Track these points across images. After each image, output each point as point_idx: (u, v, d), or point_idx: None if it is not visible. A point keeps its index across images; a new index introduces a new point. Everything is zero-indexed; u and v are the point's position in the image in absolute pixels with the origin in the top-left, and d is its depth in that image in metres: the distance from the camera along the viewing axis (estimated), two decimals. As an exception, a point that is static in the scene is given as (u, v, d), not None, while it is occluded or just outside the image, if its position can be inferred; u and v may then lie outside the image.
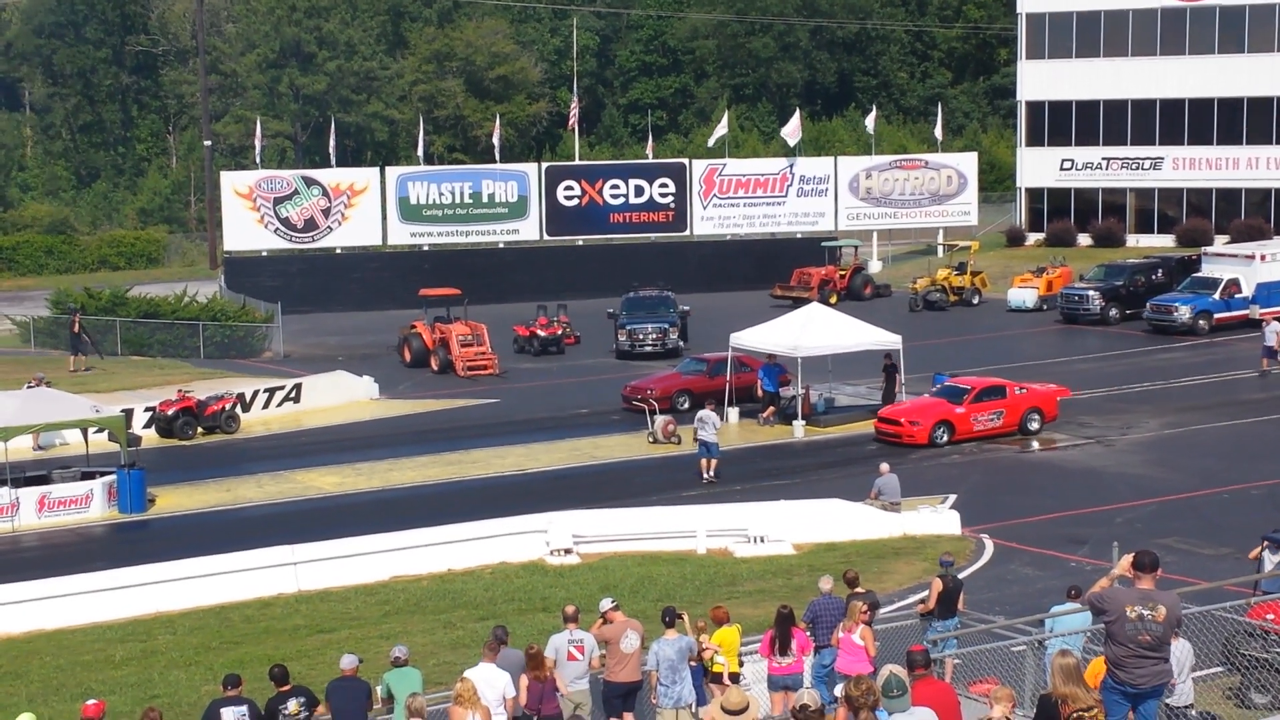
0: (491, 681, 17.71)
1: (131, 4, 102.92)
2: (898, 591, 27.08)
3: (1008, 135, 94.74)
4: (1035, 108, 77.86)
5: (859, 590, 21.52)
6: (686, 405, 43.91)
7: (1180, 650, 16.67)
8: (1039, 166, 77.80)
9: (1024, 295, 62.84)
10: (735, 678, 19.83)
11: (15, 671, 24.78)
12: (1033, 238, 77.38)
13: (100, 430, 38.05)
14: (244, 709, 17.21)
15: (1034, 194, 78.55)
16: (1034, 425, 40.90)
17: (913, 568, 28.91)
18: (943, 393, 41.27)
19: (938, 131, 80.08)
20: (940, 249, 73.12)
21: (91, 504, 35.77)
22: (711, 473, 36.90)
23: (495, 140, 75.48)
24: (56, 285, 69.27)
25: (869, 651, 19.82)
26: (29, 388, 42.11)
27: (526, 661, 18.61)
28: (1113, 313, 58.60)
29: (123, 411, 39.70)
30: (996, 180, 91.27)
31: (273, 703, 17.54)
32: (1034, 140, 78.06)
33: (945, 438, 40.07)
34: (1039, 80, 77.26)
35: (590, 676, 19.47)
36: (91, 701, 17.46)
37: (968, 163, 77.80)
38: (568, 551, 30.40)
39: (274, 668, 17.94)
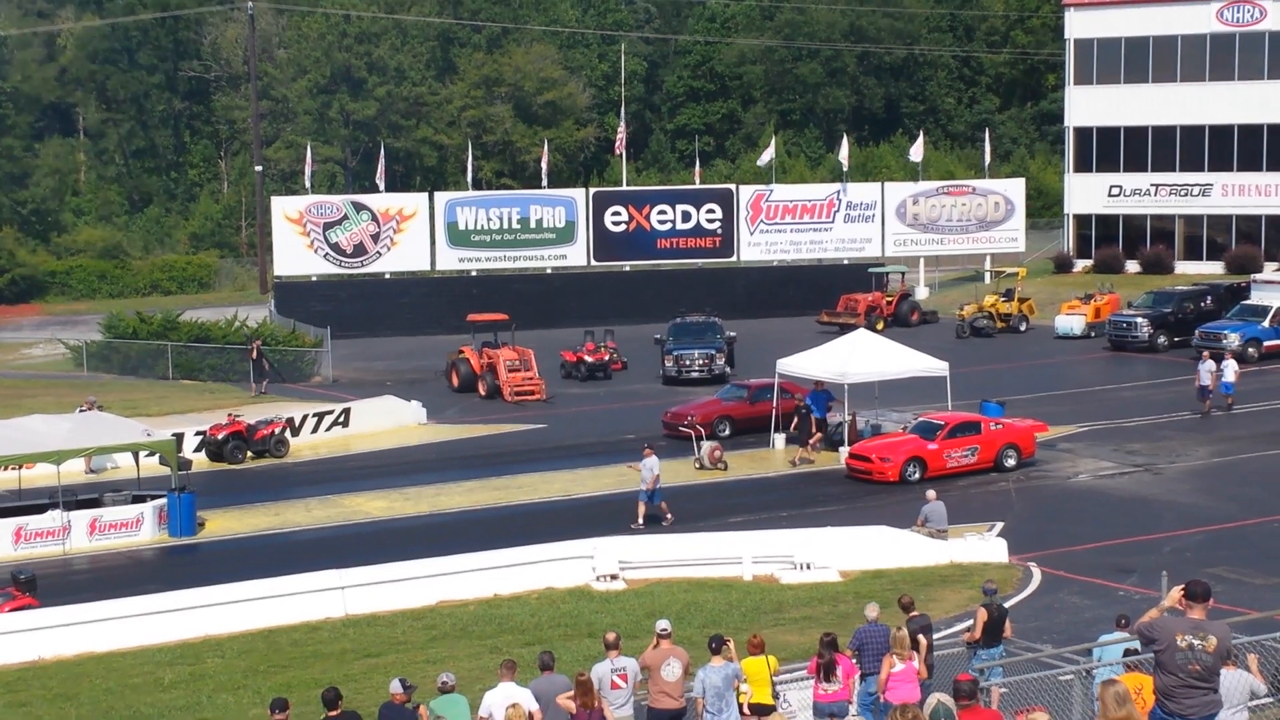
0: (514, 701, 17.88)
1: (184, 30, 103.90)
2: (944, 619, 26.98)
3: (1055, 161, 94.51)
4: (1083, 133, 77.63)
5: (914, 614, 21.54)
6: (727, 431, 43.97)
7: (1235, 681, 16.56)
8: (1087, 192, 77.55)
9: (1072, 322, 62.61)
10: (764, 709, 19.68)
11: (66, 694, 24.99)
12: (1080, 264, 77.12)
13: (151, 454, 38.34)
14: None
15: (1082, 220, 78.30)
16: (1010, 462, 39.94)
17: (959, 595, 28.81)
18: (916, 429, 40.59)
19: (985, 157, 79.92)
20: (987, 275, 72.95)
21: (142, 527, 36.06)
22: (641, 520, 35.09)
23: (543, 165, 75.79)
24: (109, 309, 69.97)
25: (921, 673, 19.84)
26: (81, 411, 42.53)
27: (575, 689, 18.66)
28: (1161, 340, 58.31)
29: (173, 435, 40.03)
30: (1044, 206, 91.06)
31: (321, 726, 17.69)
32: (1082, 166, 77.83)
33: (917, 475, 38.89)
34: (1087, 106, 77.07)
35: (635, 704, 19.51)
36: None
37: (1015, 189, 77.61)
38: (614, 577, 30.45)
39: (326, 690, 18.05)
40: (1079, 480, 39.62)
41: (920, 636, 20.77)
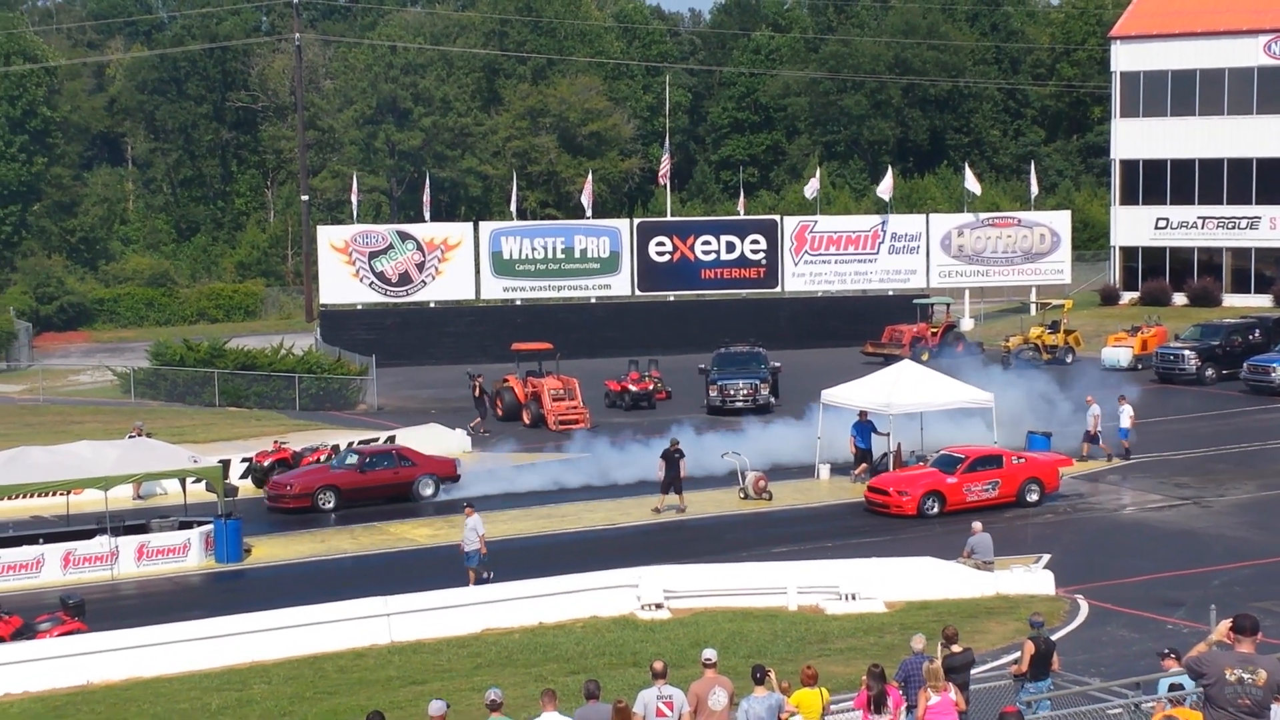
0: None
1: (232, 61, 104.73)
2: (991, 651, 26.86)
3: (1101, 194, 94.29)
4: (1129, 166, 77.43)
5: (955, 649, 21.45)
6: (331, 504, 40.88)
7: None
8: (1133, 225, 77.29)
9: (1118, 354, 62.31)
10: None
11: (114, 719, 25.10)
12: (1127, 296, 76.81)
13: (198, 480, 38.54)
14: None
15: (1128, 252, 78.03)
16: (1033, 496, 39.39)
17: (1005, 628, 28.67)
18: (937, 462, 40.15)
19: (1031, 189, 79.71)
20: (1033, 307, 72.75)
21: (189, 553, 36.24)
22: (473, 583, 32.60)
23: (587, 196, 76.01)
24: (156, 337, 70.42)
25: (960, 706, 19.76)
26: (130, 437, 42.80)
27: (613, 716, 18.67)
28: (1209, 373, 57.99)
29: (220, 462, 40.20)
30: (1090, 239, 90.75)
31: (367, 750, 17.74)
32: (1128, 199, 77.60)
33: (935, 509, 38.47)
34: (1133, 138, 76.89)
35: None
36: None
37: (1061, 221, 77.37)
38: (659, 606, 30.42)
39: (371, 714, 18.13)
40: (1126, 513, 39.41)
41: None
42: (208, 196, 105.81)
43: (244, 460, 44.93)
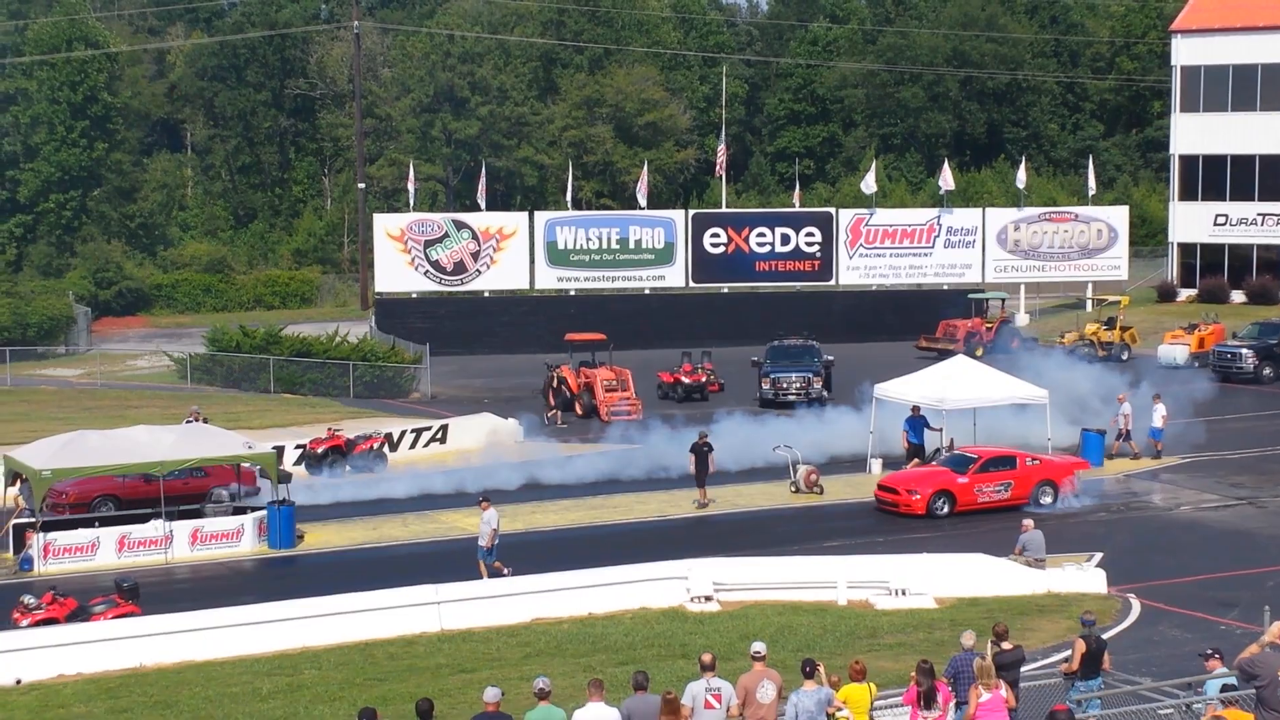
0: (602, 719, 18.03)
1: (291, 49, 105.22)
2: (1041, 649, 26.76)
3: (1160, 189, 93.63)
4: (1189, 161, 76.84)
5: (1006, 647, 21.37)
6: (112, 508, 38.19)
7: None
8: (1192, 221, 76.71)
9: (1175, 352, 61.87)
10: None
11: (166, 701, 25.31)
12: (1184, 293, 76.26)
13: (252, 466, 38.76)
14: None
15: (1186, 249, 77.44)
16: (1046, 499, 38.91)
17: (1056, 625, 28.55)
18: (948, 461, 39.90)
19: (1089, 184, 79.17)
20: (1089, 303, 72.31)
21: (242, 539, 36.50)
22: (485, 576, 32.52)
23: (642, 187, 76.01)
24: (213, 323, 70.96)
25: (1010, 703, 19.70)
26: (188, 422, 43.10)
27: (662, 707, 18.71)
28: (1266, 371, 57.55)
29: (274, 448, 40.43)
30: (1148, 234, 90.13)
31: (414, 735, 17.86)
32: (1187, 194, 77.01)
33: (945, 509, 38.22)
34: (1193, 133, 76.28)
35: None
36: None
37: (1118, 216, 76.86)
38: (708, 599, 30.44)
39: (420, 701, 18.25)
40: (1181, 512, 39.13)
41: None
42: (265, 183, 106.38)
43: (298, 447, 45.18)
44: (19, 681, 26.42)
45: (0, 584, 33.80)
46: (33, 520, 35.17)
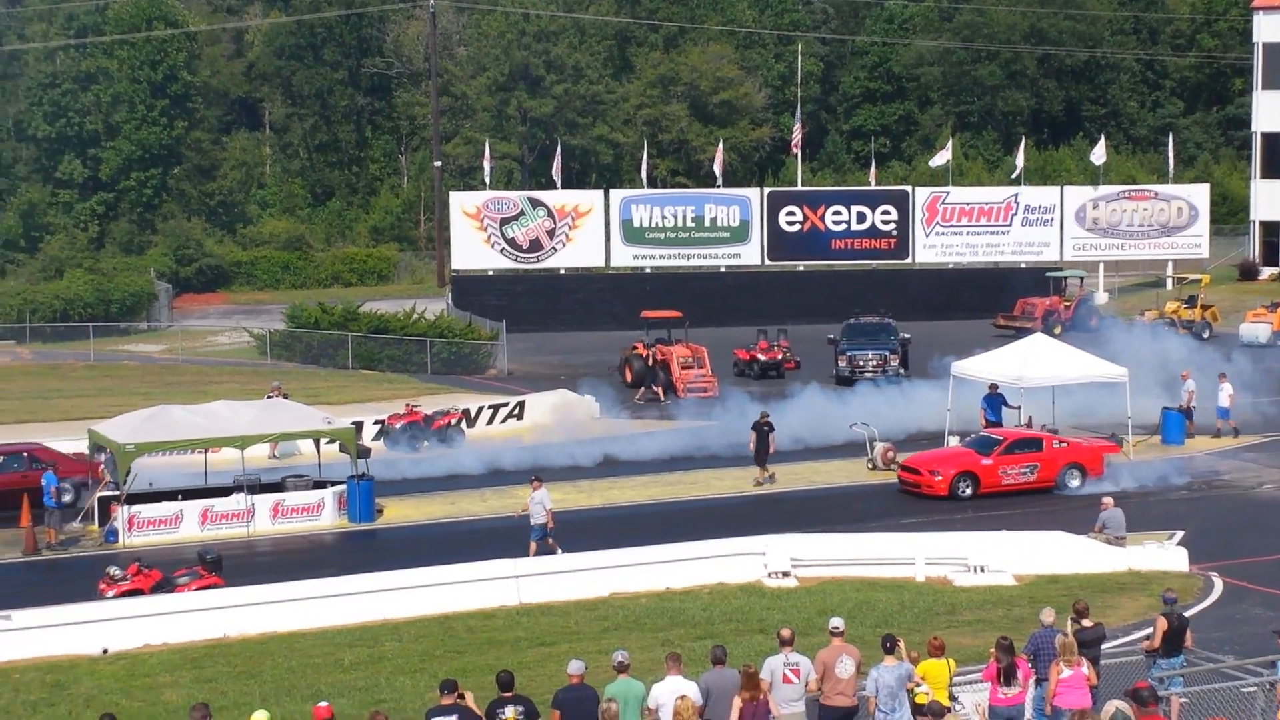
0: (681, 693, 18.14)
1: (368, 27, 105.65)
2: (1122, 627, 26.62)
3: (1241, 167, 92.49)
4: (1271, 139, 75.94)
5: (1086, 624, 21.28)
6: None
7: None
8: (1274, 199, 75.83)
9: (1257, 330, 61.26)
10: (939, 710, 19.47)
11: (250, 671, 25.65)
12: (1267, 272, 75.44)
13: (332, 441, 39.09)
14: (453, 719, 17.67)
15: (1268, 227, 76.57)
16: (1074, 482, 38.31)
17: (1137, 603, 28.39)
18: (973, 443, 39.47)
19: (1169, 162, 78.35)
20: (1169, 281, 71.63)
21: (323, 512, 36.83)
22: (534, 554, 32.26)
23: (717, 165, 75.87)
24: (291, 300, 71.51)
25: (1091, 680, 19.63)
26: (268, 398, 43.53)
27: (742, 681, 18.79)
28: (1349, 350, 56.88)
29: (353, 424, 40.79)
30: (1229, 213, 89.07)
31: (492, 706, 18.06)
32: (1269, 172, 76.12)
33: (969, 491, 37.74)
34: (1275, 111, 75.35)
35: (806, 700, 19.57)
36: (323, 704, 18.12)
37: (1199, 194, 76.04)
38: (785, 574, 30.47)
39: (501, 673, 18.42)
40: (1264, 490, 38.79)
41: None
42: (343, 162, 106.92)
43: (376, 422, 45.50)
44: (105, 651, 26.84)
45: (87, 556, 34.32)
46: (117, 493, 35.64)
